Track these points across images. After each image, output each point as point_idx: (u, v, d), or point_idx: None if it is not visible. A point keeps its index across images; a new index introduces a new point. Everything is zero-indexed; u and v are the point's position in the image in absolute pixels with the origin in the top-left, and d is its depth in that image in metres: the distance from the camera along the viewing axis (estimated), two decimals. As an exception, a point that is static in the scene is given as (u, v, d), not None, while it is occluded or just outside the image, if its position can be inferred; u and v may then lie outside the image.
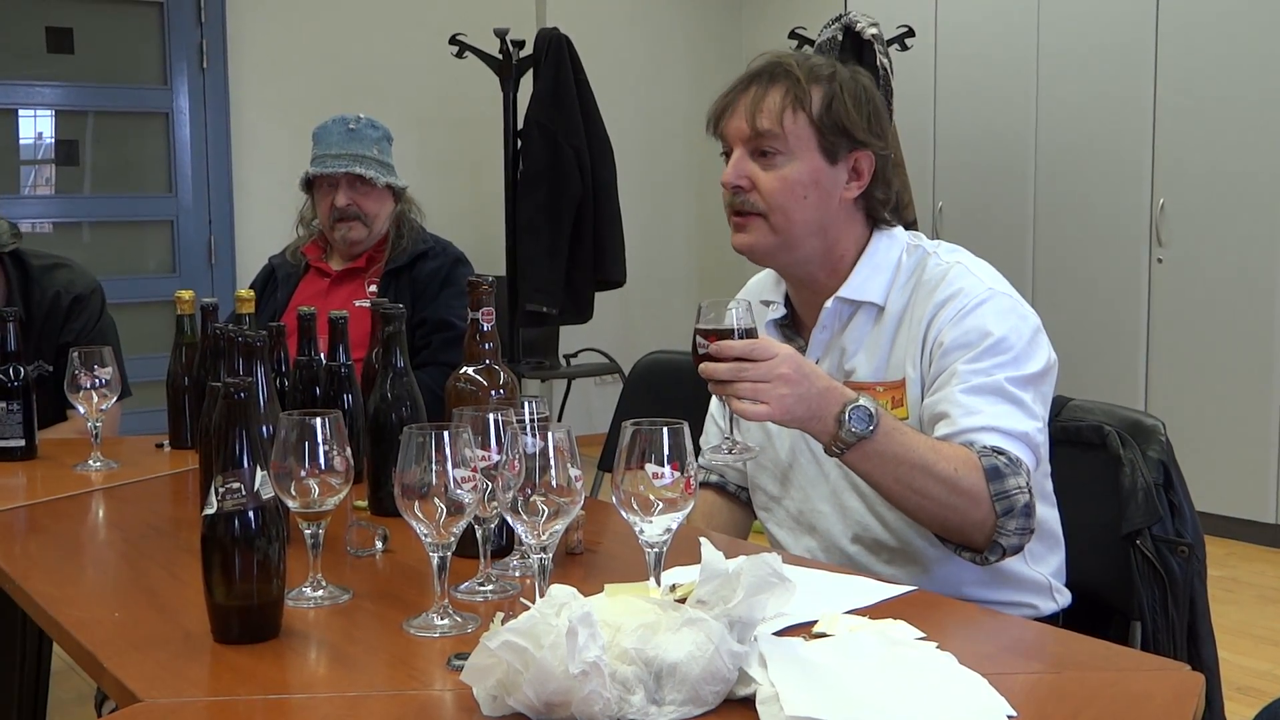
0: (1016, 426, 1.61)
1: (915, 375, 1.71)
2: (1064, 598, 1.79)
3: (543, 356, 5.99)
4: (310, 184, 2.98)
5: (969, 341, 1.66)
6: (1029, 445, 1.63)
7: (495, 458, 1.35)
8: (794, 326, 1.88)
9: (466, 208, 5.99)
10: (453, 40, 5.53)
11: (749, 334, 1.57)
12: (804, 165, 1.73)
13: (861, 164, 1.76)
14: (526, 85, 5.52)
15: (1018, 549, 1.62)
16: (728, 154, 1.79)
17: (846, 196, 1.76)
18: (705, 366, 1.55)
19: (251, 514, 1.30)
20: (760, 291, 1.94)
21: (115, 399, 2.29)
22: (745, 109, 1.74)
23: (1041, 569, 1.76)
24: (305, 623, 1.38)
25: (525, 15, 6.28)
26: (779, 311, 1.87)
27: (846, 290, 1.77)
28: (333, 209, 2.90)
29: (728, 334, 1.56)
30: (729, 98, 1.78)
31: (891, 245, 1.80)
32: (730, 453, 1.65)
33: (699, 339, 1.57)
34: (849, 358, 1.77)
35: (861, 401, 1.55)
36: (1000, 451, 1.59)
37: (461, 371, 1.65)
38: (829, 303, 1.78)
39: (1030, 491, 1.59)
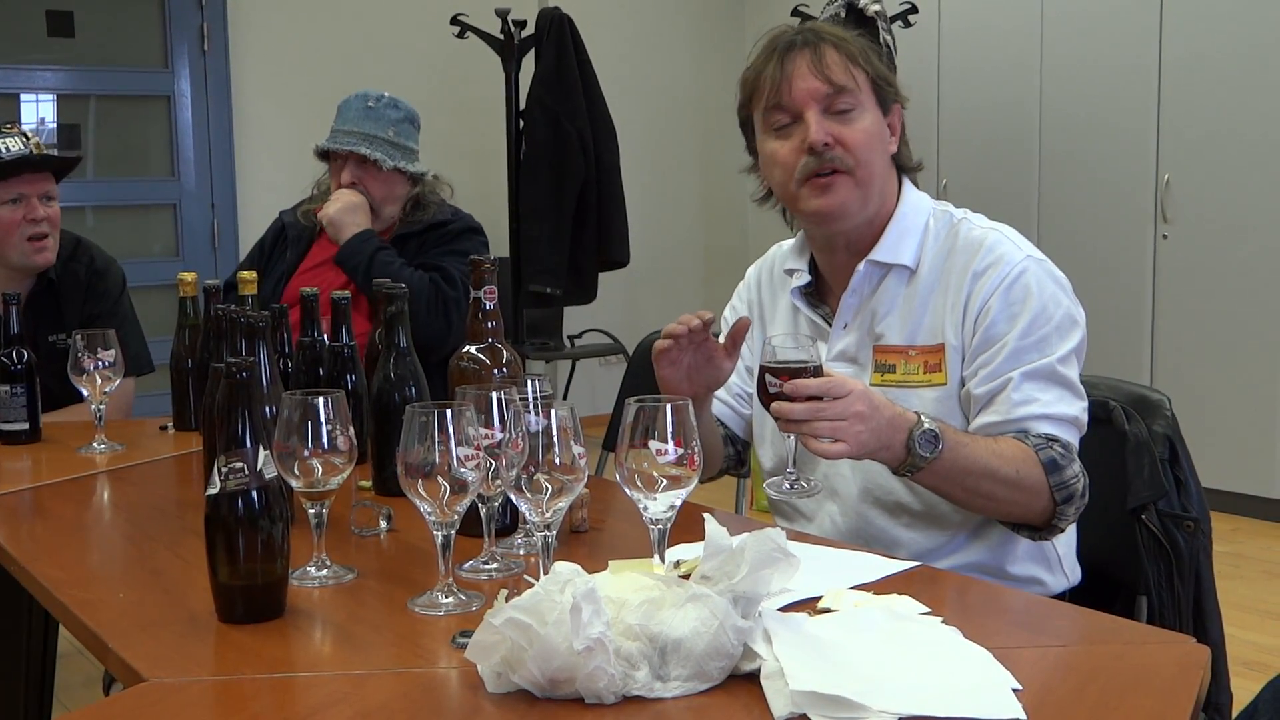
0: (1067, 411, 1.66)
1: (956, 343, 1.71)
2: (1075, 575, 1.79)
3: (547, 337, 5.99)
4: (328, 154, 2.96)
5: (1015, 313, 1.68)
6: (1078, 427, 1.69)
7: (499, 436, 1.35)
8: (818, 294, 1.88)
9: (469, 189, 5.93)
10: (454, 21, 5.51)
11: (818, 371, 1.54)
12: (873, 117, 1.75)
13: (895, 116, 1.79)
14: (528, 66, 5.50)
15: (1073, 522, 1.70)
16: (786, 126, 1.73)
17: (890, 150, 1.78)
18: (779, 406, 1.52)
19: (254, 493, 1.30)
20: (784, 260, 1.93)
21: (119, 381, 2.29)
22: (811, 69, 1.71)
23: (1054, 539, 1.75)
24: (310, 602, 1.38)
25: (527, -5, 6.26)
26: (803, 279, 1.86)
27: (879, 253, 1.77)
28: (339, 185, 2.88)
29: (800, 372, 1.52)
30: (774, 68, 1.73)
31: (919, 206, 1.80)
32: (792, 488, 1.61)
33: (769, 378, 1.54)
34: (879, 321, 1.77)
35: (925, 425, 1.57)
36: (1054, 439, 1.64)
37: (464, 350, 1.64)
38: (861, 266, 1.77)
39: (1084, 473, 1.65)
